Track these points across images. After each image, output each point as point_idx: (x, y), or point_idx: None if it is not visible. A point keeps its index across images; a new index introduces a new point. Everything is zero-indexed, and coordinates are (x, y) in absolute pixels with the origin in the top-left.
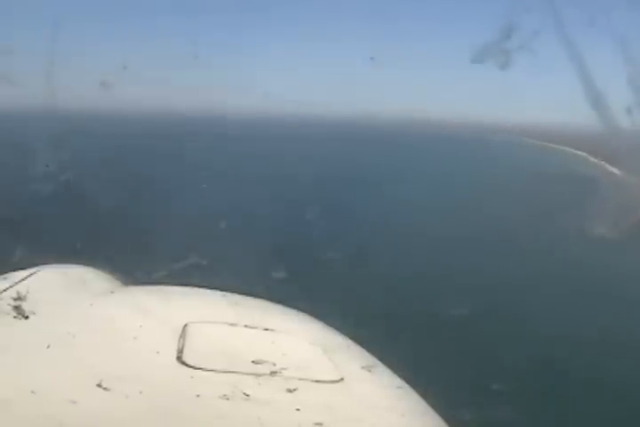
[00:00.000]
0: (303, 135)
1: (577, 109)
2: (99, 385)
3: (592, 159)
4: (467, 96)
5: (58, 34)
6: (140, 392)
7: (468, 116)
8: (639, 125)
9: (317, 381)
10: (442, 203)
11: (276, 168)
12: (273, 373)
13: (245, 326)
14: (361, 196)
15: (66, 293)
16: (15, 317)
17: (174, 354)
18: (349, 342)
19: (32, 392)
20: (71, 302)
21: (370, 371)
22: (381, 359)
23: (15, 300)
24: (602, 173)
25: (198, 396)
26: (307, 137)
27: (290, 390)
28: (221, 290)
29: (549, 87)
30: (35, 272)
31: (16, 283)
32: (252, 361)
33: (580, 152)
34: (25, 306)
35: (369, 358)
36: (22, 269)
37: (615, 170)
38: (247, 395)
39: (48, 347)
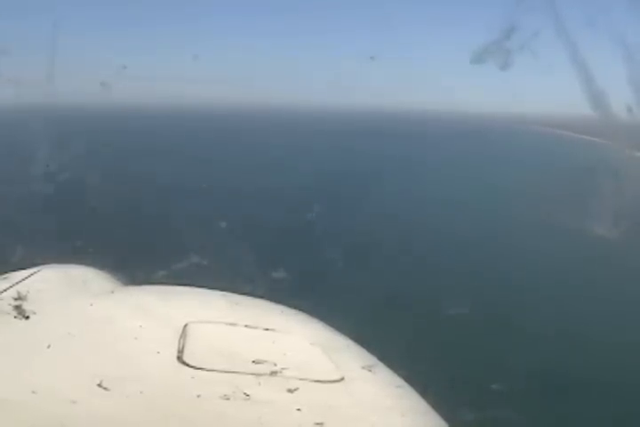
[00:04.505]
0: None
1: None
2: (99, 385)
3: (628, 151)
4: (476, 91)
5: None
6: (141, 392)
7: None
8: None
9: (318, 380)
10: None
11: None
12: (273, 373)
13: (246, 326)
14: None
15: (66, 293)
16: (16, 317)
17: (175, 354)
18: (349, 341)
19: (33, 392)
20: (71, 301)
21: (370, 371)
22: (381, 359)
23: (16, 300)
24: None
25: (199, 396)
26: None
27: (290, 390)
28: (221, 290)
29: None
30: (35, 272)
31: (17, 283)
32: (253, 361)
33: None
34: (26, 306)
35: (369, 358)
36: (22, 269)
37: None
38: (247, 395)
39: (48, 347)
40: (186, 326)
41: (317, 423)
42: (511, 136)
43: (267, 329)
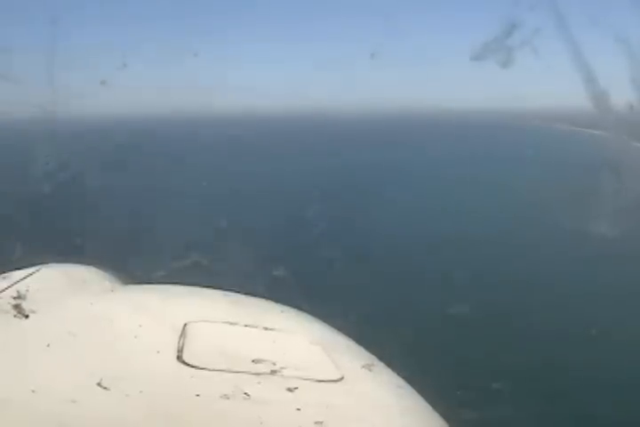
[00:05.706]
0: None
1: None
2: (99, 384)
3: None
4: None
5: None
6: (140, 392)
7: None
8: None
9: (318, 380)
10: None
11: None
12: (273, 372)
13: (245, 325)
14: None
15: (66, 292)
16: (15, 316)
17: (174, 353)
18: (349, 341)
19: (32, 391)
20: (71, 301)
21: (370, 370)
22: (382, 358)
23: (15, 299)
24: None
25: (198, 395)
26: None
27: (290, 390)
28: (221, 289)
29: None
30: (35, 271)
31: (16, 282)
32: (253, 360)
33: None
34: (25, 305)
35: (369, 357)
36: (22, 268)
37: None
38: (247, 394)
39: (48, 346)
40: (185, 325)
41: (317, 423)
42: (512, 133)
43: (267, 328)
